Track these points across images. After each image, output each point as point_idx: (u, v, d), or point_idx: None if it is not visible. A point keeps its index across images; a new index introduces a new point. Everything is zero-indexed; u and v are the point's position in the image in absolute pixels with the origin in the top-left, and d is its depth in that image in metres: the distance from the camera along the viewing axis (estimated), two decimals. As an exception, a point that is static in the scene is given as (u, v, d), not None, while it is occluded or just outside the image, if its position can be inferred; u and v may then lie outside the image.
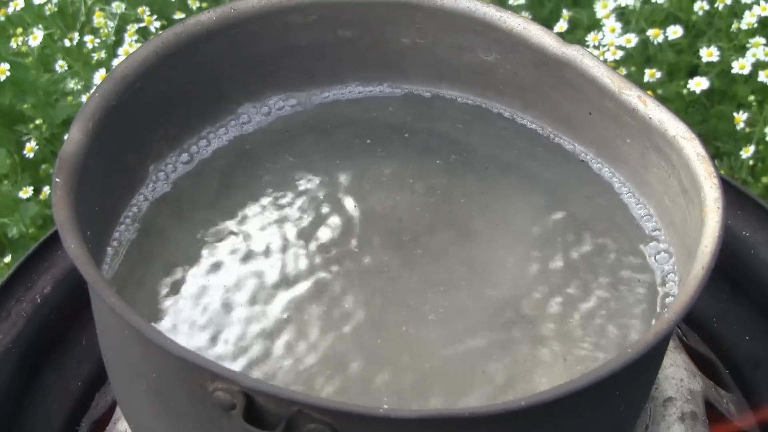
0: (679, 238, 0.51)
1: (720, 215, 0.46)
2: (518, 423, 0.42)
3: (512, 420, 0.41)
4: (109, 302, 0.42)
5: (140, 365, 0.45)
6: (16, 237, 1.01)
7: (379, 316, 0.50)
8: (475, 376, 0.48)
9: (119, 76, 0.51)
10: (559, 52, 0.53)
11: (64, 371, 0.65)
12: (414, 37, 0.57)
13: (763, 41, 0.96)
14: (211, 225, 0.53)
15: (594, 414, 0.46)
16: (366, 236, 0.53)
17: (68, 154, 0.47)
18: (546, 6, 1.07)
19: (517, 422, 0.42)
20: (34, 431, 0.63)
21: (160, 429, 0.47)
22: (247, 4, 0.55)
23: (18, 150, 1.04)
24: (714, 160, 0.49)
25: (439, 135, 0.58)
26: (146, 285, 0.51)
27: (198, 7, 1.12)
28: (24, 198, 1.00)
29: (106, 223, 0.52)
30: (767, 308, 0.65)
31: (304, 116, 0.59)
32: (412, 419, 0.40)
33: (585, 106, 0.54)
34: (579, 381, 0.41)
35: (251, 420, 0.40)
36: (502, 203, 0.55)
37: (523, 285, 0.51)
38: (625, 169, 0.55)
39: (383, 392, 0.47)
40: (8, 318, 0.63)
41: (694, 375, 0.60)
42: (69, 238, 0.44)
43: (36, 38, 1.04)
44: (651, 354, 0.44)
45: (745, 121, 0.96)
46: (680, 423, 0.57)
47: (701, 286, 0.44)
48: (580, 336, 0.49)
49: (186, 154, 0.56)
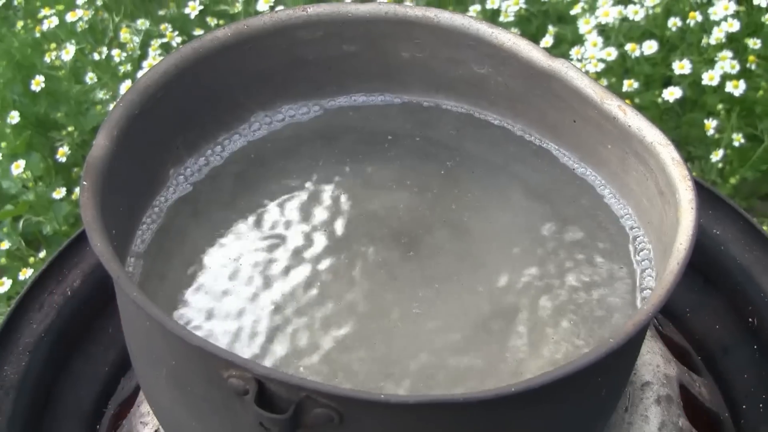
0: (656, 235, 0.51)
1: (694, 215, 0.46)
2: (508, 407, 0.42)
3: (503, 404, 0.41)
4: (132, 296, 0.42)
5: (160, 353, 0.45)
6: (50, 234, 1.01)
7: (380, 308, 0.49)
8: (469, 363, 0.47)
9: (142, 87, 0.51)
10: (546, 65, 0.53)
11: (93, 358, 0.65)
12: (413, 51, 0.57)
13: (730, 55, 0.95)
14: (226, 224, 0.53)
15: (579, 398, 0.46)
16: (368, 234, 0.53)
17: (95, 158, 0.47)
18: (533, 23, 1.06)
19: (507, 406, 0.42)
20: (65, 413, 0.63)
21: (179, 412, 0.47)
22: (259, 21, 0.55)
23: (52, 155, 1.04)
24: (687, 164, 0.48)
25: (435, 141, 0.58)
26: (167, 279, 0.50)
27: (215, 24, 1.11)
28: (57, 198, 0.99)
29: (129, 222, 0.51)
30: (736, 300, 0.65)
31: (312, 124, 0.58)
32: (410, 404, 0.40)
33: (570, 115, 0.54)
34: (565, 368, 0.41)
35: (263, 405, 0.39)
36: (493, 204, 0.55)
37: (512, 279, 0.51)
38: (606, 173, 0.54)
39: (386, 377, 0.46)
40: (41, 309, 0.63)
41: (669, 361, 0.60)
42: (95, 237, 0.43)
43: (68, 53, 1.03)
44: (630, 343, 0.43)
45: (714, 127, 0.96)
46: (656, 405, 0.56)
47: (677, 280, 0.44)
48: (565, 326, 0.49)
49: (203, 158, 0.56)
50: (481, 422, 0.42)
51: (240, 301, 0.50)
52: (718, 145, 0.96)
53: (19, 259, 1.00)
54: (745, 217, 0.65)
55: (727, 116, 0.96)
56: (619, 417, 0.55)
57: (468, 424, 0.42)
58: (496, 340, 0.48)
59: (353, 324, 0.48)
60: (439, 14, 0.55)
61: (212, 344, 0.41)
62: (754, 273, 0.64)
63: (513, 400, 0.40)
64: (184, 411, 0.46)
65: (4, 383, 0.60)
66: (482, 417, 0.42)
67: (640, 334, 0.47)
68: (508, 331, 0.49)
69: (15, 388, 0.60)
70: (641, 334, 0.48)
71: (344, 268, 0.51)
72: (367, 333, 0.48)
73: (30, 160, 1.02)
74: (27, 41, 1.08)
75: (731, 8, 0.96)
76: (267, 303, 0.50)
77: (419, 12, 0.55)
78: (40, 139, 1.06)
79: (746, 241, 0.65)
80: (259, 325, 0.49)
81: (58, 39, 1.07)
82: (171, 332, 0.40)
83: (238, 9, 1.06)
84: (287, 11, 0.55)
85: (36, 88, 1.03)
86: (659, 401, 0.56)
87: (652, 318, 0.43)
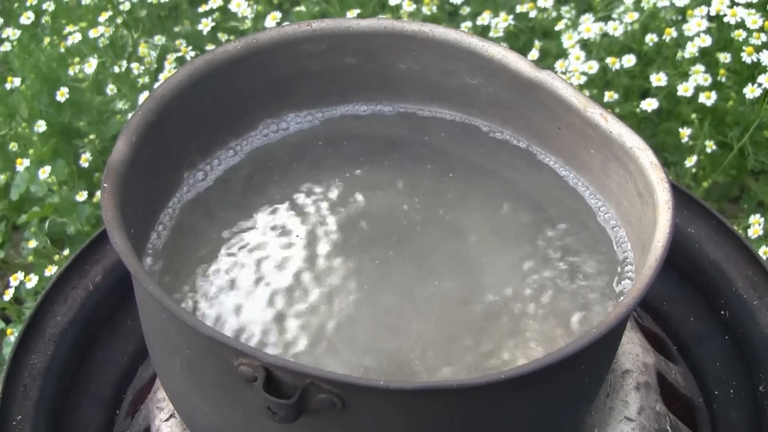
0: (635, 234, 0.50)
1: (670, 215, 0.46)
2: (499, 393, 0.42)
3: (494, 390, 0.41)
4: (149, 290, 0.41)
5: (175, 343, 0.45)
6: (74, 234, 1.00)
7: (378, 299, 0.49)
8: (462, 348, 0.47)
9: (158, 96, 0.50)
10: (533, 76, 0.53)
11: (113, 347, 0.64)
12: (410, 63, 0.57)
13: (703, 68, 0.95)
14: (236, 223, 0.53)
15: (564, 384, 0.45)
16: (367, 231, 0.53)
17: (114, 163, 0.47)
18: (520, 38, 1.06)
19: (498, 392, 0.42)
20: (88, 398, 0.63)
21: (192, 397, 0.47)
22: (267, 35, 0.55)
23: (75, 161, 1.03)
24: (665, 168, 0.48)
25: (430, 147, 0.58)
26: (181, 274, 0.50)
27: (226, 39, 1.11)
28: (80, 201, 0.99)
29: (147, 221, 0.51)
30: (709, 293, 0.65)
31: (316, 131, 0.58)
32: (407, 390, 0.39)
33: (555, 122, 0.54)
34: (552, 356, 0.40)
35: (270, 390, 0.39)
36: (484, 205, 0.54)
37: (501, 273, 0.51)
38: (589, 176, 0.54)
39: (385, 359, 0.46)
40: (65, 302, 0.63)
41: (647, 351, 0.59)
42: (115, 235, 0.43)
43: (91, 66, 1.03)
44: (612, 333, 0.43)
45: (688, 135, 0.95)
46: (636, 391, 0.56)
47: (654, 275, 0.44)
48: (550, 316, 0.49)
49: (215, 162, 0.55)
50: (474, 406, 0.42)
51: (249, 294, 0.49)
52: (692, 152, 0.96)
53: (45, 257, 1.00)
54: (718, 217, 0.65)
55: (700, 125, 0.96)
56: (601, 402, 0.55)
57: (461, 408, 0.42)
58: (484, 327, 0.48)
59: (354, 312, 0.48)
60: (434, 29, 0.55)
61: (223, 334, 0.41)
62: (725, 269, 0.64)
63: (504, 386, 0.40)
64: (197, 396, 0.46)
65: (31, 370, 0.60)
66: (475, 402, 0.42)
67: (621, 325, 0.47)
68: (496, 319, 0.48)
69: (41, 375, 0.60)
70: (622, 325, 0.48)
71: (345, 264, 0.51)
72: (367, 320, 0.48)
73: (55, 165, 1.02)
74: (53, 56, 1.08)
75: (704, 25, 0.96)
76: (274, 295, 0.49)
77: (416, 27, 0.55)
78: (65, 146, 1.06)
79: (718, 239, 0.65)
80: (266, 316, 0.48)
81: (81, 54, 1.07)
82: (185, 323, 0.40)
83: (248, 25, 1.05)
84: (293, 26, 0.55)
85: (61, 99, 1.03)
86: (638, 387, 0.56)
87: (631, 310, 0.43)
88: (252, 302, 0.49)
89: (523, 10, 1.02)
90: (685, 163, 0.96)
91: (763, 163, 1.00)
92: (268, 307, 0.49)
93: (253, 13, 1.05)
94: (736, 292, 0.63)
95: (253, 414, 0.42)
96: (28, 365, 0.60)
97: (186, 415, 0.51)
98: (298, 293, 0.49)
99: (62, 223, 1.00)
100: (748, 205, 1.02)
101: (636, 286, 0.43)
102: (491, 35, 1.01)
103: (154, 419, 0.56)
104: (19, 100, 1.07)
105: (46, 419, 0.59)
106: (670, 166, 0.99)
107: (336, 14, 1.06)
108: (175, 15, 1.16)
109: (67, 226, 1.00)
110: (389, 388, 0.39)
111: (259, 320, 0.48)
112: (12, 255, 1.07)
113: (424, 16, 1.03)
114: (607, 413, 0.55)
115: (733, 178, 1.02)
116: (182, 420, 0.54)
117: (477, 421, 0.42)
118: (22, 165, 1.01)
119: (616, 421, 0.54)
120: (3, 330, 0.99)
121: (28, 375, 0.60)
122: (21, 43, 1.09)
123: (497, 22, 1.01)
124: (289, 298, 0.49)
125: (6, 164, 1.06)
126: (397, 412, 0.41)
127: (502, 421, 0.44)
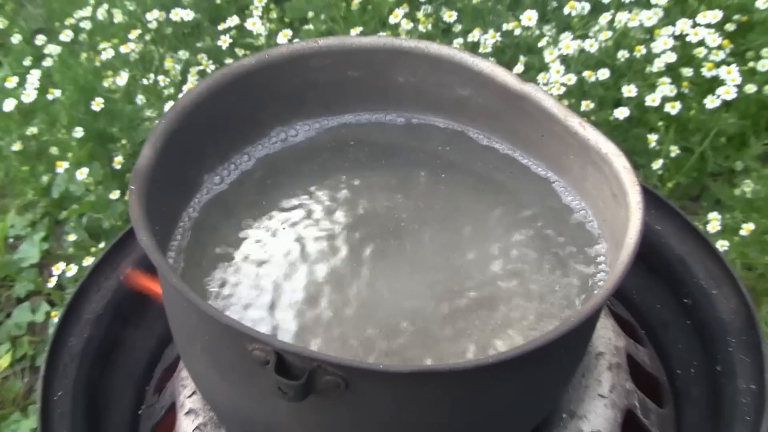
0: (609, 231, 0.49)
1: (641, 214, 0.45)
2: (486, 374, 0.41)
3: (482, 372, 0.40)
4: (171, 282, 0.40)
5: (196, 330, 0.44)
6: (108, 228, 1.00)
7: (380, 289, 0.48)
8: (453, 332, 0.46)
9: (180, 107, 0.49)
10: (518, 88, 0.52)
11: (142, 331, 0.63)
12: (407, 77, 0.56)
13: (669, 81, 0.94)
14: (251, 220, 0.52)
15: (545, 367, 0.45)
16: (369, 227, 0.52)
17: (141, 166, 0.46)
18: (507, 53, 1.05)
19: (485, 374, 0.41)
20: (120, 376, 0.62)
21: (212, 378, 0.46)
22: (278, 51, 0.53)
23: (109, 163, 1.03)
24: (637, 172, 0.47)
25: (426, 152, 0.57)
26: (201, 267, 0.49)
27: (242, 54, 1.10)
28: (113, 199, 0.98)
29: (170, 220, 0.50)
30: (673, 283, 0.64)
31: (322, 137, 0.57)
32: (404, 373, 0.39)
33: (538, 130, 0.53)
34: (534, 342, 0.40)
35: (281, 372, 0.39)
36: (474, 204, 0.54)
37: (486, 265, 0.50)
38: (568, 178, 0.53)
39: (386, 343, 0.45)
40: (99, 291, 0.62)
41: (618, 335, 0.58)
42: (141, 232, 0.42)
43: (122, 79, 1.02)
44: (588, 321, 0.43)
45: (655, 141, 0.95)
46: (608, 371, 0.55)
47: (627, 269, 0.43)
48: (531, 305, 0.48)
49: (232, 165, 0.54)
50: (464, 387, 0.41)
51: (263, 285, 0.48)
52: (659, 156, 0.95)
53: (83, 249, 0.99)
54: (682, 215, 0.64)
55: (666, 132, 0.95)
56: (577, 381, 0.54)
57: (453, 388, 0.41)
58: (472, 314, 0.47)
59: (358, 305, 0.47)
60: (429, 45, 0.54)
61: (239, 322, 0.40)
62: (688, 261, 0.63)
63: (491, 369, 0.39)
64: (215, 377, 0.45)
65: (70, 351, 0.59)
66: (465, 383, 0.41)
67: (597, 314, 0.46)
68: (482, 307, 0.47)
69: (78, 356, 0.59)
70: (597, 314, 0.47)
71: (350, 257, 0.50)
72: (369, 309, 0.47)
73: (92, 168, 1.01)
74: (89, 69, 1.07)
75: (669, 43, 0.95)
76: (286, 285, 0.48)
77: (412, 43, 0.54)
78: (100, 150, 1.05)
79: (682, 235, 0.64)
80: (279, 304, 0.47)
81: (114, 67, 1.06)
82: (204, 312, 0.39)
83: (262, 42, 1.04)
84: (302, 43, 0.54)
85: (96, 108, 1.02)
86: (610, 368, 0.55)
87: (606, 301, 0.42)
88: (265, 292, 0.48)
89: (509, 28, 1.01)
90: (652, 165, 0.95)
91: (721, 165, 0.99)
92: (280, 296, 0.48)
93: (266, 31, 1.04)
94: (698, 282, 0.62)
95: (265, 393, 0.41)
96: (67, 347, 0.59)
97: (206, 392, 0.50)
98: (307, 283, 0.48)
99: (98, 219, 1.00)
100: (708, 203, 1.02)
101: (610, 279, 0.43)
102: (481, 51, 1.00)
103: (178, 395, 0.55)
104: (59, 109, 1.06)
105: (83, 395, 0.58)
106: (639, 169, 0.99)
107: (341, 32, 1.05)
108: (198, 32, 1.15)
109: (102, 222, 0.99)
110: (388, 371, 0.38)
111: (272, 308, 0.47)
112: (54, 247, 1.07)
113: (420, 34, 1.02)
114: (583, 391, 0.54)
115: (694, 179, 1.01)
116: (203, 397, 0.53)
117: (467, 399, 0.42)
118: (62, 167, 1.00)
119: (590, 398, 0.53)
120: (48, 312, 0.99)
121: (67, 355, 0.59)
122: (61, 58, 1.08)
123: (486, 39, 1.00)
124: (298, 288, 0.48)
125: (48, 166, 1.06)
126: (395, 392, 0.41)
127: (489, 400, 0.43)
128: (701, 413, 0.58)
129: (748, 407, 0.54)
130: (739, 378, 0.56)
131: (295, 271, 0.49)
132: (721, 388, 0.57)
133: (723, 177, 1.03)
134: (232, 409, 0.47)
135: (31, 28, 1.26)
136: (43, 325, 1.00)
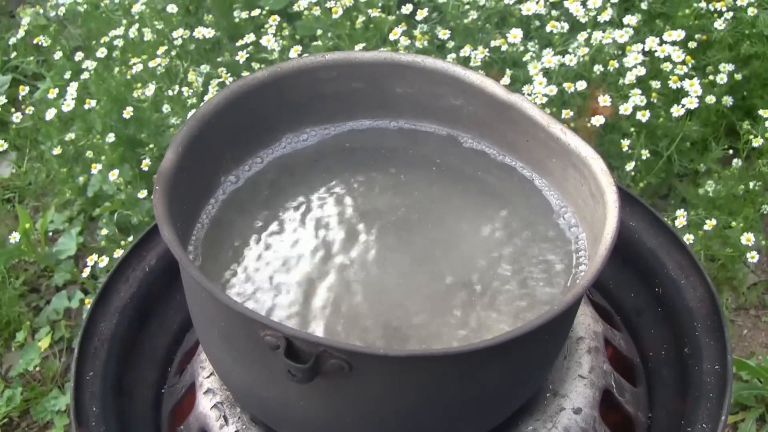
0: (588, 227, 0.48)
1: (617, 212, 0.44)
2: (477, 358, 0.40)
3: (473, 356, 0.39)
4: (191, 274, 0.39)
5: (213, 317, 0.43)
6: (137, 223, 0.99)
7: (382, 279, 0.47)
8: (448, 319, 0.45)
9: (200, 115, 0.48)
10: (506, 98, 0.51)
11: (165, 318, 0.62)
12: (405, 87, 0.55)
13: (639, 92, 0.94)
14: (264, 218, 0.51)
15: (531, 350, 0.44)
16: (371, 223, 0.51)
17: (164, 169, 0.45)
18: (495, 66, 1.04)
19: (476, 358, 0.40)
20: (145, 359, 0.61)
21: (227, 361, 0.45)
22: (289, 64, 0.52)
23: (138, 165, 1.02)
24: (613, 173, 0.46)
25: (422, 156, 0.56)
26: (218, 260, 0.48)
27: (258, 67, 1.09)
28: (141, 198, 0.98)
29: (191, 217, 0.49)
30: (646, 274, 0.63)
31: (329, 142, 0.56)
32: (403, 357, 0.38)
33: (524, 136, 0.52)
34: (521, 328, 0.39)
35: (290, 356, 0.38)
36: (465, 202, 0.53)
37: (478, 258, 0.49)
38: (551, 179, 0.52)
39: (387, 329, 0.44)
40: (127, 282, 0.61)
41: (597, 321, 0.57)
42: (164, 228, 0.42)
43: (150, 90, 1.01)
44: (570, 309, 0.42)
45: (628, 145, 0.94)
46: (588, 354, 0.54)
47: (605, 261, 0.42)
48: (517, 293, 0.47)
49: (246, 168, 0.53)
50: (456, 369, 0.40)
51: (274, 276, 0.48)
52: (631, 159, 0.94)
53: (114, 242, 0.98)
54: (653, 212, 0.63)
55: (637, 137, 0.95)
56: (559, 363, 0.53)
57: (446, 370, 0.40)
58: (464, 301, 0.46)
59: (361, 293, 0.46)
60: (425, 59, 0.53)
61: (252, 311, 0.39)
62: (659, 254, 0.62)
63: (481, 353, 0.38)
64: (231, 360, 0.44)
65: (100, 336, 0.58)
66: (457, 366, 0.40)
67: (577, 302, 0.45)
68: (470, 296, 0.46)
69: (108, 340, 0.58)
70: (577, 303, 0.46)
71: (355, 249, 0.49)
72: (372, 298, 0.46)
73: (122, 169, 1.00)
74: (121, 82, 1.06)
75: (639, 59, 0.94)
76: (296, 277, 0.47)
77: (410, 58, 0.53)
78: (130, 153, 1.04)
79: (653, 230, 0.63)
80: (289, 294, 0.46)
81: (143, 80, 1.05)
82: (220, 301, 0.39)
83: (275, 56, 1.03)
84: (310, 57, 0.53)
85: (127, 116, 1.02)
86: (590, 351, 0.54)
87: (585, 291, 0.41)
88: (277, 282, 0.47)
89: (497, 45, 1.01)
90: (625, 167, 0.94)
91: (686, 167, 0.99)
92: (290, 286, 0.47)
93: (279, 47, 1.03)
94: (668, 273, 0.61)
95: (276, 375, 0.40)
96: (98, 332, 0.58)
97: (223, 374, 0.49)
98: (316, 273, 0.47)
99: (127, 215, 0.99)
100: (675, 201, 1.01)
101: (590, 271, 0.42)
102: (471, 64, 0.99)
103: (198, 376, 0.54)
104: (94, 117, 1.06)
105: (112, 376, 0.57)
106: (614, 170, 0.98)
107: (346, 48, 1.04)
108: (218, 48, 1.14)
109: (131, 218, 0.99)
110: (387, 355, 0.37)
111: (282, 297, 0.46)
112: (89, 240, 1.06)
113: (417, 49, 1.01)
114: (565, 372, 0.53)
115: (662, 180, 1.00)
116: (220, 378, 0.52)
117: (459, 381, 0.41)
118: (96, 169, 0.99)
119: (571, 379, 0.52)
120: (82, 299, 0.98)
121: (97, 339, 0.58)
122: (97, 72, 1.07)
123: (476, 54, 0.99)
124: (307, 279, 0.47)
125: (84, 168, 1.05)
126: (395, 374, 0.40)
127: (479, 381, 0.42)
128: (671, 392, 0.57)
129: (713, 386, 0.54)
130: (705, 360, 0.55)
131: (304, 263, 0.48)
132: (689, 368, 0.56)
133: (688, 178, 1.03)
134: (246, 389, 0.46)
135: (71, 46, 1.25)
136: (78, 311, 0.99)
